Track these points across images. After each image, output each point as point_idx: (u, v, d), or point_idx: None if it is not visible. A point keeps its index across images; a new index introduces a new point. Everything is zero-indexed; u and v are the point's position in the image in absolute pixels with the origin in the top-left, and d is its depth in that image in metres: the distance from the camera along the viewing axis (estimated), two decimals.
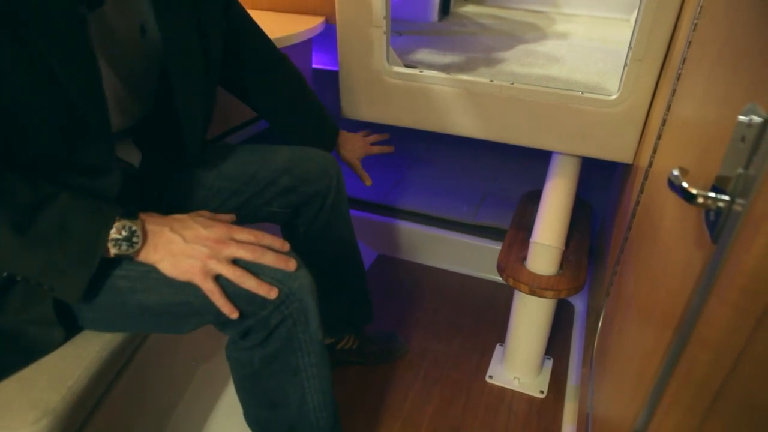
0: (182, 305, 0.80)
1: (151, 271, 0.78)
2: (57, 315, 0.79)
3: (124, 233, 0.73)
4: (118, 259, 0.77)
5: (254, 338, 0.85)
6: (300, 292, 0.82)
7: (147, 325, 0.87)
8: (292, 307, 0.82)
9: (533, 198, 1.62)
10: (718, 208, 0.47)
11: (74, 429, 0.80)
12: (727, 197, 0.46)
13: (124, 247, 0.74)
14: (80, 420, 0.82)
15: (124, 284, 0.79)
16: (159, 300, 0.80)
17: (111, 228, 0.72)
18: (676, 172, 0.51)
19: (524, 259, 1.32)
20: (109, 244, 0.73)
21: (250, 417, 0.98)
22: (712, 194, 0.47)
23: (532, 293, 1.26)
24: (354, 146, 1.32)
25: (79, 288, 0.72)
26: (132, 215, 0.74)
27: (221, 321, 0.83)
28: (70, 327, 0.83)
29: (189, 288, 0.78)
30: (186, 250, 0.76)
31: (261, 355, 0.87)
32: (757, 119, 0.43)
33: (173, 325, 0.85)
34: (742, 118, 0.46)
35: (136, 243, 0.74)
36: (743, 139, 0.45)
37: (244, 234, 0.80)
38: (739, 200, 0.44)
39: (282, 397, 0.91)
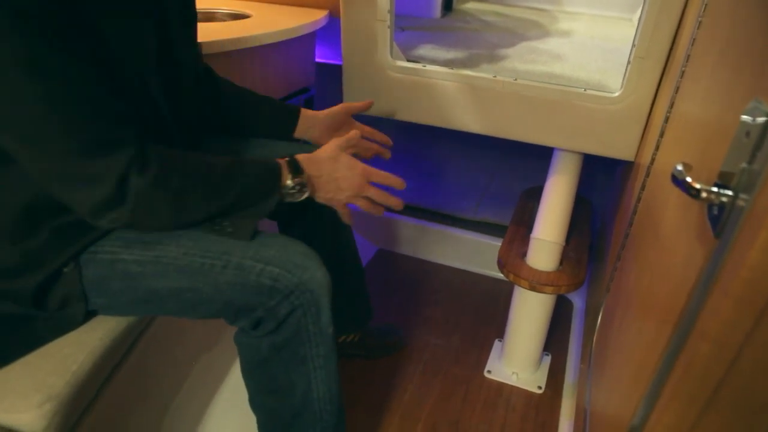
0: (191, 292, 0.81)
1: (162, 256, 0.79)
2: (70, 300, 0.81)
3: (296, 187, 0.86)
4: (130, 245, 0.80)
5: (265, 328, 0.85)
6: (311, 283, 0.83)
7: (157, 309, 0.88)
8: (303, 298, 0.83)
9: (533, 194, 1.62)
10: (722, 203, 0.48)
11: (78, 413, 0.81)
12: (730, 192, 0.47)
13: (296, 195, 0.87)
14: (84, 404, 0.82)
15: (135, 269, 0.80)
16: (169, 285, 0.81)
17: (279, 187, 0.85)
18: (679, 167, 0.52)
19: (524, 254, 1.33)
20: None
21: (255, 403, 0.98)
22: (715, 189, 0.48)
23: (532, 289, 1.26)
24: (322, 127, 1.17)
25: (251, 230, 0.84)
26: (298, 171, 0.86)
27: (230, 312, 0.84)
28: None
29: (199, 275, 0.80)
30: (337, 194, 0.92)
31: (269, 343, 0.87)
32: (761, 115, 0.44)
33: (182, 312, 0.86)
34: (746, 114, 0.46)
35: (305, 191, 0.87)
36: (747, 134, 0.46)
37: (379, 177, 0.95)
38: (742, 195, 0.45)
39: (288, 386, 0.91)
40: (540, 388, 1.41)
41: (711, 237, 0.50)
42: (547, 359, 1.49)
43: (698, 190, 0.49)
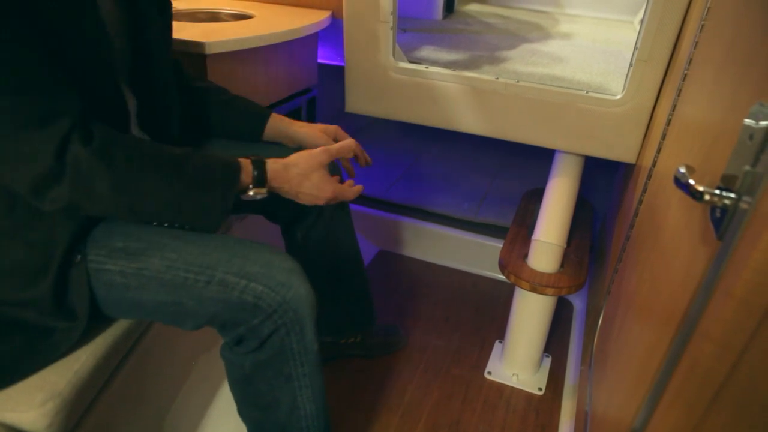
0: (175, 306, 0.81)
1: (145, 269, 0.79)
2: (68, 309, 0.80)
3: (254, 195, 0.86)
4: (115, 256, 0.80)
5: (247, 346, 0.85)
6: (294, 302, 0.82)
7: (147, 317, 0.88)
8: (286, 317, 0.82)
9: (535, 196, 1.62)
10: (724, 205, 0.48)
11: (80, 412, 0.81)
12: (733, 195, 0.47)
13: (252, 197, 0.86)
14: (85, 404, 0.82)
15: (119, 280, 0.80)
16: (152, 298, 0.81)
17: (236, 186, 0.82)
18: (682, 170, 0.52)
19: (526, 256, 1.33)
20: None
21: (243, 413, 0.98)
22: (718, 192, 0.48)
23: (533, 290, 1.26)
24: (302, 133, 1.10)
25: (217, 223, 0.82)
26: (261, 181, 0.85)
27: (217, 325, 0.84)
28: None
29: (182, 290, 0.79)
30: (295, 198, 0.91)
31: (252, 361, 0.87)
32: (765, 119, 0.44)
33: (171, 322, 0.86)
34: (749, 117, 0.47)
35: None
36: (751, 137, 0.46)
37: (348, 196, 0.95)
38: (745, 198, 0.45)
39: (273, 402, 0.91)
40: (540, 389, 1.41)
41: (714, 239, 0.50)
42: (548, 361, 1.50)
43: (701, 193, 0.49)
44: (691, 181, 0.50)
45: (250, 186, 0.84)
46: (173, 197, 0.77)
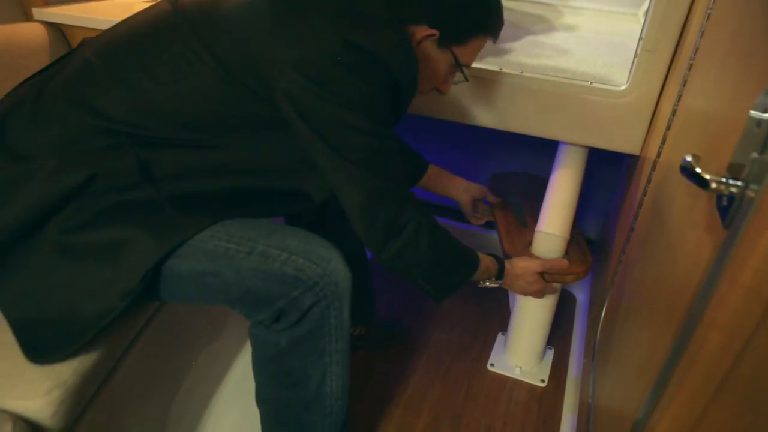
0: (214, 276, 0.80)
1: (187, 237, 0.79)
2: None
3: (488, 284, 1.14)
4: None
5: (287, 321, 0.84)
6: (335, 275, 0.83)
7: (174, 292, 0.86)
8: (327, 289, 0.82)
9: (502, 180, 1.64)
10: (731, 193, 0.48)
11: (84, 401, 0.81)
12: (740, 183, 0.47)
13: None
14: (90, 393, 0.83)
15: None
16: (191, 267, 0.80)
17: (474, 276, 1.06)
18: (689, 158, 0.51)
19: (529, 244, 1.32)
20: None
21: (263, 396, 0.96)
22: (724, 180, 0.48)
23: None
24: (462, 186, 1.46)
25: (447, 295, 1.03)
26: (498, 278, 1.13)
27: (250, 302, 0.83)
28: None
29: (223, 259, 0.79)
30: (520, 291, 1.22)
31: (289, 336, 0.86)
32: None
33: (200, 297, 0.86)
34: (756, 106, 0.46)
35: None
36: (759, 124, 0.46)
37: (546, 291, 1.25)
38: (752, 186, 0.45)
39: (302, 378, 0.90)
40: (543, 381, 1.41)
41: (720, 228, 0.50)
42: (550, 353, 1.50)
43: (707, 181, 0.49)
44: (698, 170, 0.50)
45: (488, 283, 1.12)
46: (436, 262, 0.95)
